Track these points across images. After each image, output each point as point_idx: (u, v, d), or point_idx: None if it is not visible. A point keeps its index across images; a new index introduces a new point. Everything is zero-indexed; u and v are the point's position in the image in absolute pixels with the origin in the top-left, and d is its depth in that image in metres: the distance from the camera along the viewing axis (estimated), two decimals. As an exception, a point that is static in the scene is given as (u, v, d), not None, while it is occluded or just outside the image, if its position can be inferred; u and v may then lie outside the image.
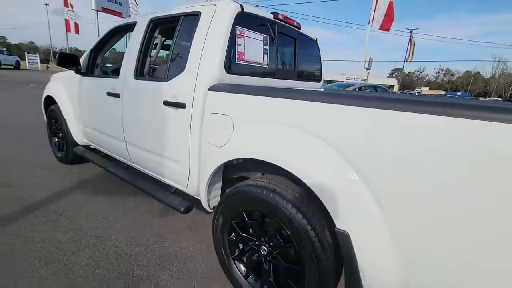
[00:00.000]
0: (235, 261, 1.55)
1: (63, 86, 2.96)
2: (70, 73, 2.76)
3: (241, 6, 1.65)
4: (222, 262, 1.60)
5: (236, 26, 1.62)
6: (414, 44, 32.70)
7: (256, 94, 1.37)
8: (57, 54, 2.44)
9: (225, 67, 1.59)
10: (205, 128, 1.58)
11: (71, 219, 2.13)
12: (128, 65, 2.08)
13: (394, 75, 75.45)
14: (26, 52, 31.97)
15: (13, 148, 3.60)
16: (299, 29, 2.26)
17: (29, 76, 16.99)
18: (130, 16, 19.92)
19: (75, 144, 2.94)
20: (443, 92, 53.10)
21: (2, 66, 21.31)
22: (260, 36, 1.84)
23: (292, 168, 1.21)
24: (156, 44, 2.09)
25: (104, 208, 2.34)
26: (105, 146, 2.55)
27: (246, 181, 1.44)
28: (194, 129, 1.62)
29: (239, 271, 1.53)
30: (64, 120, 2.91)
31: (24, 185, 2.62)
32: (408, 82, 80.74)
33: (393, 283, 1.02)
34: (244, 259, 1.53)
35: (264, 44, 1.88)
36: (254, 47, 1.79)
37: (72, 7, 22.21)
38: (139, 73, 2.02)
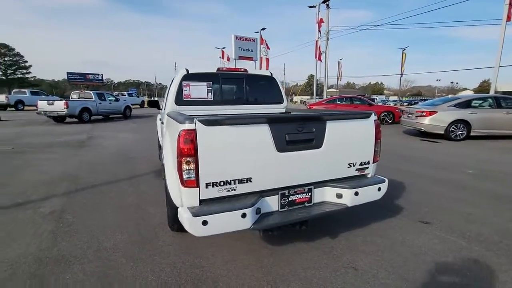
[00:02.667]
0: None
1: (159, 116, 5.38)
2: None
3: (187, 70, 3.16)
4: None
5: (183, 81, 3.14)
6: None
7: (168, 116, 2.82)
8: (148, 101, 4.78)
9: (175, 103, 3.12)
10: (163, 129, 3.14)
11: (143, 185, 4.21)
12: (163, 103, 3.99)
13: None
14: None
15: (148, 149, 6.51)
16: (246, 72, 3.44)
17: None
18: (261, 58, 24.34)
19: (162, 148, 5.23)
20: None
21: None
22: (204, 83, 3.24)
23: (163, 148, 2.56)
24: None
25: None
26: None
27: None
28: (163, 130, 3.22)
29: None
30: (158, 136, 5.27)
31: (141, 168, 5.09)
32: None
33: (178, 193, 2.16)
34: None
35: (208, 87, 3.26)
36: (198, 89, 3.22)
37: (228, 59, 29.95)
38: (164, 108, 3.88)
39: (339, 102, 13.27)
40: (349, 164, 2.21)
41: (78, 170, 4.98)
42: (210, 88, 3.29)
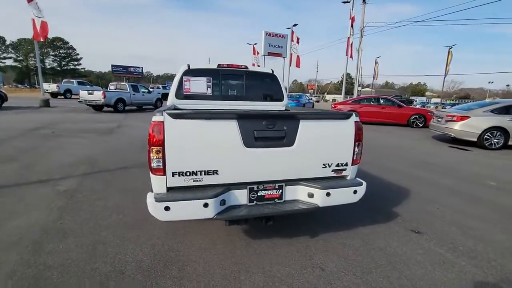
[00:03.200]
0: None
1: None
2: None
3: (188, 66, 3.32)
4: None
5: (183, 76, 3.30)
6: None
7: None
8: (162, 93, 5.06)
9: (175, 96, 3.30)
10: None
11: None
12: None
13: None
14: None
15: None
16: (247, 68, 3.51)
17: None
18: (291, 55, 23.99)
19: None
20: None
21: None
22: (204, 78, 3.38)
23: None
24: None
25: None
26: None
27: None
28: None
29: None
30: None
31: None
32: None
33: None
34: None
35: (208, 82, 3.39)
36: (198, 84, 3.37)
37: (258, 53, 30.07)
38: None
39: (366, 102, 12.71)
40: (323, 165, 2.19)
41: (100, 155, 5.46)
42: (210, 84, 3.41)
